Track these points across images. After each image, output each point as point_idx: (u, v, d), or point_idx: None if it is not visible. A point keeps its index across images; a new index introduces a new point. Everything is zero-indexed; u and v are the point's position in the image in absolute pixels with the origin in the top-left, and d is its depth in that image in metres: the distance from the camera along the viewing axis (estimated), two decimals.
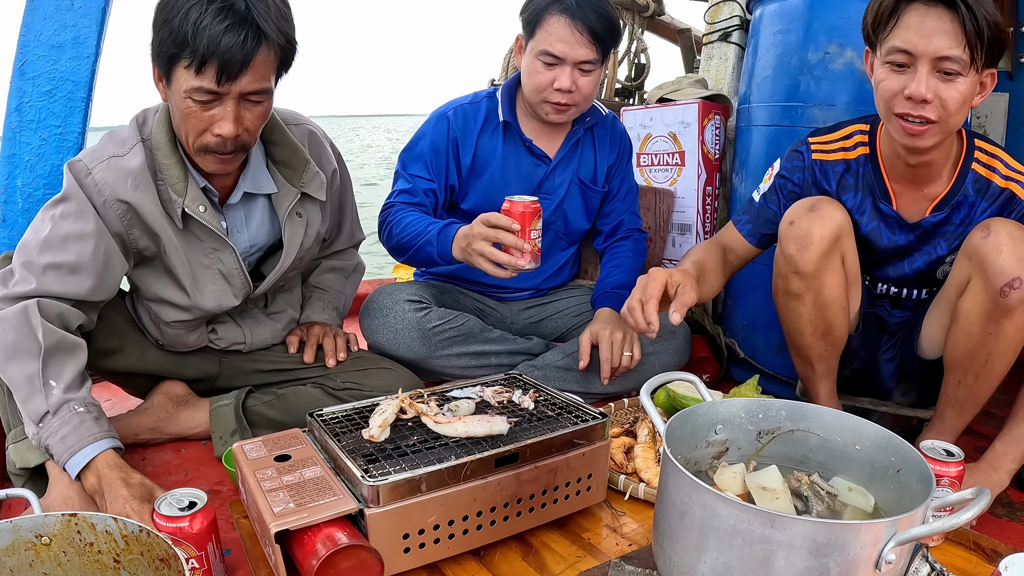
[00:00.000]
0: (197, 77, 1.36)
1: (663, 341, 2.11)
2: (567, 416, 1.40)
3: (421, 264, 2.10)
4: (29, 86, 1.99)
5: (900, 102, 1.47)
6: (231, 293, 1.68)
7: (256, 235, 1.72)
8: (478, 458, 1.22)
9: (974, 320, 1.52)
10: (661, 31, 3.79)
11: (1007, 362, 1.54)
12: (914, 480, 1.05)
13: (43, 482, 1.50)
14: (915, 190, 1.64)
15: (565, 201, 2.21)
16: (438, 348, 1.98)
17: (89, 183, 1.49)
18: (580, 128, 2.17)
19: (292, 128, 1.72)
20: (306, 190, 1.71)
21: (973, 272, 1.51)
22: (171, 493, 1.17)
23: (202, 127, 1.43)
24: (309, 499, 1.17)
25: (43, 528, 1.00)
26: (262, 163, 1.68)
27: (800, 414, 1.20)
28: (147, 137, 1.54)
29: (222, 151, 1.47)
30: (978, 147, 1.61)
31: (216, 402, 1.79)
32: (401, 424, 1.35)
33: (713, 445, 1.20)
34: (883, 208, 1.67)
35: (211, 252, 1.63)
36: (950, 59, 1.40)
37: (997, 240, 1.46)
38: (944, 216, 1.62)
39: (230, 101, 1.41)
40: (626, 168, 2.32)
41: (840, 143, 1.72)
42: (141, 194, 1.51)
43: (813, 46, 2.17)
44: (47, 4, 1.99)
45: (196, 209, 1.54)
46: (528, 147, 2.13)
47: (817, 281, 1.65)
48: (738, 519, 0.89)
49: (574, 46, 1.92)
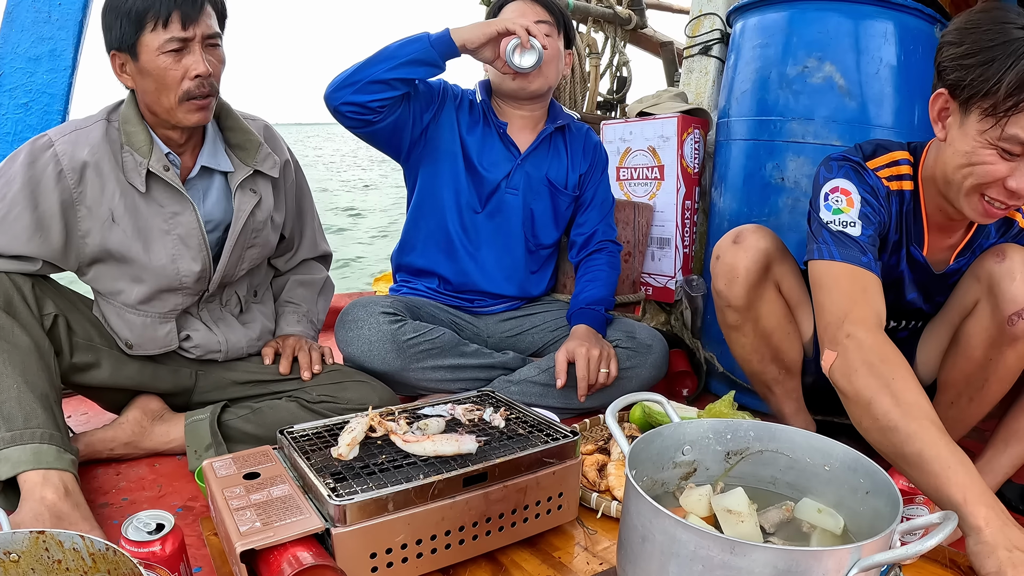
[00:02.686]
0: (165, 30, 1.54)
1: (639, 356, 2.11)
2: (538, 434, 1.40)
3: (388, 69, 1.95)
4: (6, 98, 2.00)
5: (997, 189, 1.34)
6: (188, 256, 1.71)
7: (212, 211, 1.78)
8: (446, 477, 1.22)
9: (976, 345, 1.50)
10: (643, 44, 3.81)
11: (1003, 389, 1.53)
12: (882, 502, 1.05)
13: (14, 495, 1.48)
14: (942, 239, 1.59)
15: (533, 201, 2.25)
16: (413, 361, 1.97)
17: (48, 156, 1.59)
18: (551, 126, 2.24)
19: (248, 122, 1.86)
20: (259, 168, 1.82)
21: (982, 295, 1.49)
22: (135, 517, 1.16)
23: (180, 75, 1.58)
24: (276, 518, 1.16)
25: (11, 545, 0.99)
26: (220, 144, 1.79)
27: (769, 434, 1.20)
28: (113, 119, 1.68)
29: (201, 94, 1.61)
30: None
31: (191, 417, 1.78)
32: (370, 442, 1.35)
33: (681, 466, 1.20)
34: (914, 253, 1.59)
35: (171, 217, 1.69)
36: None
37: (1011, 267, 1.42)
38: (964, 262, 1.59)
39: (196, 45, 1.58)
40: (600, 179, 2.35)
41: (887, 170, 1.57)
42: (100, 157, 1.62)
43: (792, 60, 2.20)
44: (24, 16, 2.00)
45: (159, 169, 1.65)
46: (500, 135, 2.20)
47: (752, 312, 1.66)
48: (698, 545, 0.89)
49: (532, 12, 2.12)
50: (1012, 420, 1.56)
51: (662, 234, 2.60)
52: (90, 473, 1.73)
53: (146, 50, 1.56)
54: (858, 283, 1.43)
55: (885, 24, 2.11)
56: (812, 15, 2.19)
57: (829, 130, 2.14)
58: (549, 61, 2.10)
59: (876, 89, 2.11)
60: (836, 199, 1.53)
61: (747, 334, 1.70)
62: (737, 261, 1.63)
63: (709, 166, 2.65)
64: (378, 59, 1.92)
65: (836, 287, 1.44)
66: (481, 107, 2.22)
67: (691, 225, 2.62)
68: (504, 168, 2.21)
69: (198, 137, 1.75)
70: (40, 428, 1.50)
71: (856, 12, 2.13)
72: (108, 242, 1.64)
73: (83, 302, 1.76)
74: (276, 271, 2.10)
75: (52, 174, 1.58)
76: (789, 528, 1.13)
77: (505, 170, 2.21)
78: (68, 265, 1.68)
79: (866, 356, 1.32)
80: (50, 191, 1.58)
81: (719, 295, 1.68)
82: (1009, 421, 1.57)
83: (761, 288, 1.65)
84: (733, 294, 1.64)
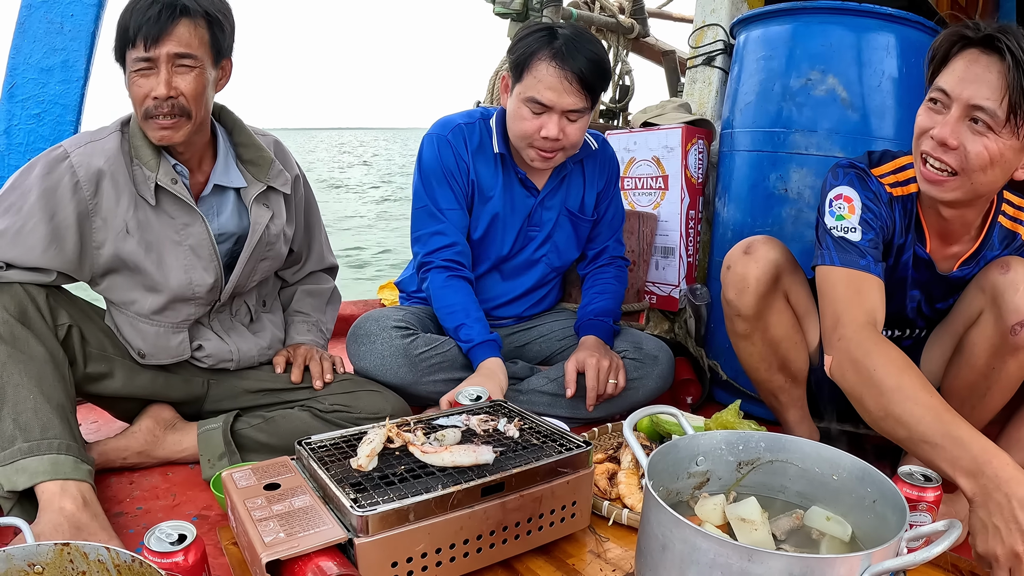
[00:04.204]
0: (133, 49, 1.55)
1: (646, 367, 2.14)
2: (551, 444, 1.42)
3: None
4: (18, 109, 2.01)
5: (926, 140, 1.43)
6: (200, 267, 1.73)
7: (225, 224, 1.80)
8: (465, 488, 1.24)
9: (979, 353, 1.53)
10: (646, 53, 3.84)
11: (1004, 398, 1.56)
12: (889, 511, 1.08)
13: (31, 505, 1.50)
14: (945, 247, 1.62)
15: (555, 233, 2.23)
16: (424, 374, 1.99)
17: (64, 167, 1.60)
18: (569, 163, 2.17)
19: (259, 137, 1.86)
20: (271, 184, 1.83)
21: (986, 306, 1.52)
22: (157, 527, 1.17)
23: (142, 95, 1.59)
24: (299, 528, 1.18)
25: (36, 557, 1.00)
26: (232, 161, 1.80)
27: (779, 445, 1.23)
28: (126, 131, 1.69)
29: (159, 114, 1.59)
30: (1006, 199, 1.59)
31: (204, 426, 1.80)
32: (388, 453, 1.37)
33: (694, 476, 1.23)
34: (918, 251, 1.63)
35: (182, 228, 1.70)
36: (983, 110, 1.34)
37: (1015, 278, 1.45)
38: (968, 271, 1.61)
39: (161, 66, 1.57)
40: (613, 192, 2.32)
41: (893, 176, 1.62)
42: (115, 167, 1.64)
43: (795, 73, 2.22)
44: (37, 27, 2.02)
45: (167, 182, 1.66)
46: (521, 180, 2.14)
47: (761, 322, 1.69)
48: (717, 553, 0.91)
49: (563, 95, 1.88)
50: (1013, 429, 1.59)
51: (666, 243, 2.63)
52: (104, 482, 1.74)
53: (127, 67, 1.59)
54: (853, 285, 1.50)
55: (887, 37, 2.14)
56: (815, 28, 2.21)
57: (832, 142, 2.16)
58: (576, 144, 2.00)
59: (878, 101, 2.14)
60: (839, 206, 1.59)
61: (756, 343, 1.73)
62: (748, 271, 1.66)
63: (713, 176, 2.68)
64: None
65: (834, 292, 1.52)
66: (498, 158, 2.11)
67: (695, 235, 2.65)
68: (524, 210, 2.17)
69: (208, 153, 1.76)
70: (57, 439, 1.51)
71: (858, 25, 2.16)
72: (122, 253, 1.66)
73: (96, 312, 1.77)
74: (283, 282, 2.12)
75: (68, 185, 1.59)
76: (799, 535, 1.16)
77: (525, 211, 2.18)
78: (82, 276, 1.69)
79: (852, 354, 1.39)
80: (66, 202, 1.59)
81: (729, 304, 1.71)
82: (1011, 430, 1.60)
83: (771, 298, 1.68)
84: (743, 303, 1.68)
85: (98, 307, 1.79)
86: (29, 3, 1.98)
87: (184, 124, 1.63)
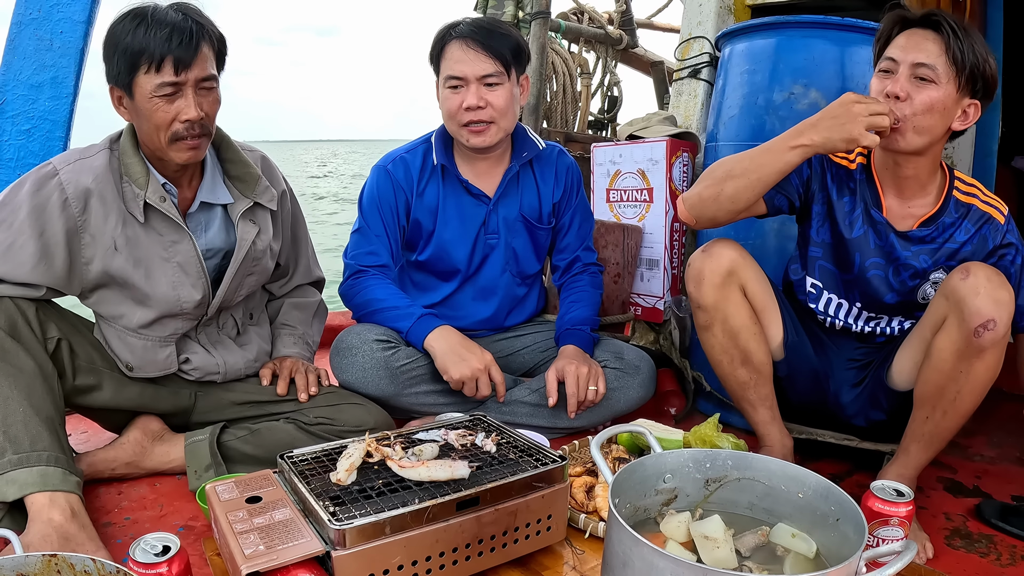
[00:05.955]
0: (158, 74, 1.56)
1: (628, 377, 2.16)
2: (528, 459, 1.45)
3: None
4: (8, 125, 2.04)
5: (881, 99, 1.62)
6: (188, 284, 1.75)
7: (212, 240, 1.82)
8: (440, 502, 1.27)
9: (947, 358, 1.59)
10: (634, 63, 3.88)
11: (974, 401, 1.61)
12: (851, 529, 1.11)
13: (21, 516, 1.52)
14: (903, 204, 1.75)
15: (512, 239, 2.26)
16: (406, 386, 2.03)
17: (54, 184, 1.63)
18: (516, 164, 2.21)
19: (246, 153, 1.88)
20: (258, 200, 1.86)
21: (950, 311, 1.58)
22: (143, 539, 1.21)
23: (170, 119, 1.61)
24: (279, 541, 1.22)
25: (24, 568, 1.03)
26: (219, 177, 1.82)
27: (746, 463, 1.26)
28: (115, 149, 1.72)
29: (191, 135, 1.63)
30: (958, 178, 1.75)
31: (191, 437, 1.83)
32: (367, 467, 1.40)
33: (662, 493, 1.26)
34: (874, 215, 1.77)
35: (170, 245, 1.73)
36: (926, 66, 1.57)
37: (975, 282, 1.53)
38: (928, 233, 1.73)
39: (188, 90, 1.60)
40: (576, 202, 2.34)
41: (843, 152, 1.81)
42: (103, 185, 1.66)
43: (779, 86, 2.25)
44: (26, 44, 2.04)
45: (156, 200, 1.68)
46: (466, 187, 2.18)
47: (719, 312, 1.79)
48: (674, 572, 0.94)
49: (472, 63, 2.02)
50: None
51: (651, 255, 2.66)
52: (92, 493, 1.77)
53: (140, 91, 1.59)
54: None
55: (869, 51, 2.15)
56: (798, 42, 2.24)
57: None
58: (504, 112, 2.06)
59: None
60: None
61: (716, 333, 1.82)
62: (704, 265, 1.78)
63: None
64: (369, 315, 2.13)
65: None
66: (440, 169, 2.17)
67: (679, 247, 2.68)
68: (478, 218, 2.21)
69: (196, 169, 1.79)
70: (46, 451, 1.54)
71: (841, 39, 2.19)
72: (111, 269, 1.69)
73: (84, 325, 1.80)
74: (271, 295, 2.15)
75: (57, 202, 1.62)
76: (764, 552, 1.19)
77: (479, 219, 2.21)
78: (71, 290, 1.72)
79: (695, 188, 1.81)
80: (55, 219, 1.62)
81: (691, 298, 1.83)
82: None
83: (726, 289, 1.78)
84: (701, 293, 1.79)
85: (87, 320, 1.82)
86: (19, 20, 2.01)
87: (207, 143, 1.70)
